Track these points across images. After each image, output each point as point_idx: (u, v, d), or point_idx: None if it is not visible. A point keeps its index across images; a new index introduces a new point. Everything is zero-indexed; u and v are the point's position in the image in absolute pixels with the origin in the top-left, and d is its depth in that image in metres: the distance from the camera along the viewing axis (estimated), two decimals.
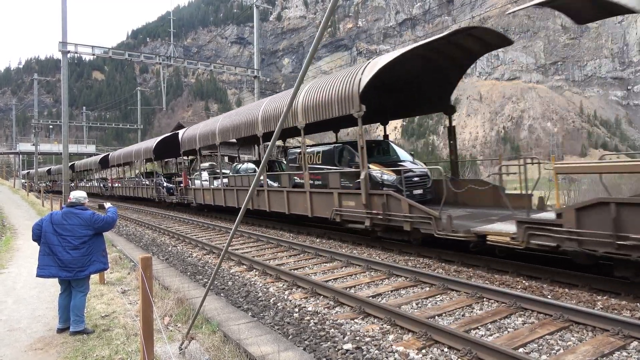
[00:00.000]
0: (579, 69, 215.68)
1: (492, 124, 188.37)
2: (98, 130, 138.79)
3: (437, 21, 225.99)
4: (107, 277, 8.25)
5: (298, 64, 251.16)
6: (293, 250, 11.18)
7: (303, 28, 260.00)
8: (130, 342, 5.09)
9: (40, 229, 5.47)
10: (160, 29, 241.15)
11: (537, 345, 4.84)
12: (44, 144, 69.32)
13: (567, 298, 6.36)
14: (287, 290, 7.63)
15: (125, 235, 16.06)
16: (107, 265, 5.95)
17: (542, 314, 5.66)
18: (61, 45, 26.53)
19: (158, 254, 11.96)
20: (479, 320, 5.60)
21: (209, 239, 13.93)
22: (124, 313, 6.19)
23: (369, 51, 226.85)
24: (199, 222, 18.32)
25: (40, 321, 5.98)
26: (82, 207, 5.65)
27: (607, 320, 5.11)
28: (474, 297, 6.48)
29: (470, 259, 8.73)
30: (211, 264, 10.25)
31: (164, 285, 7.67)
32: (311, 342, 5.26)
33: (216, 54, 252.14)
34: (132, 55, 31.76)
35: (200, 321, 5.53)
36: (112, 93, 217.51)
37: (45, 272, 5.35)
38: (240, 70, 36.96)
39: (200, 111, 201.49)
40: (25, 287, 7.80)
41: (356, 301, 6.37)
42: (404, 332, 5.39)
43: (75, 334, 5.34)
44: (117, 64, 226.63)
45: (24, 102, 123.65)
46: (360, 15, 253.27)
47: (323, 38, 3.39)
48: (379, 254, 10.27)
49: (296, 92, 2.98)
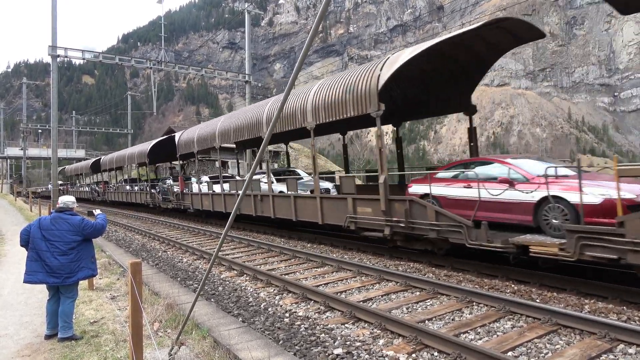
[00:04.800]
0: (567, 76, 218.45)
1: (482, 130, 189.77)
2: (88, 135, 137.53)
3: (427, 27, 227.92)
4: (96, 282, 8.18)
5: (290, 69, 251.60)
6: (284, 255, 11.16)
7: (295, 33, 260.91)
8: (120, 348, 5.04)
9: (28, 234, 5.41)
10: (152, 33, 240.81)
11: (526, 349, 4.88)
12: (33, 149, 68.54)
13: (556, 302, 6.43)
14: (278, 295, 7.62)
15: (114, 240, 15.92)
16: (96, 271, 5.90)
17: (530, 318, 5.72)
18: (51, 49, 26.36)
19: (148, 259, 11.87)
20: (468, 324, 5.64)
21: (200, 244, 13.86)
22: (113, 319, 6.14)
23: (360, 57, 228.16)
24: (189, 227, 18.21)
25: (28, 327, 5.91)
26: (71, 212, 5.60)
27: (594, 323, 5.17)
28: (464, 302, 6.52)
29: (460, 263, 8.79)
30: (202, 269, 10.19)
31: (154, 290, 7.62)
32: (302, 347, 5.25)
33: (207, 59, 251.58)
34: (123, 60, 31.70)
35: (191, 327, 5.50)
36: (102, 97, 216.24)
37: (33, 278, 5.30)
38: (231, 75, 36.94)
39: (191, 116, 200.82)
40: (13, 293, 7.70)
41: (347, 306, 6.37)
42: (394, 337, 5.41)
43: (64, 340, 5.28)
44: (108, 68, 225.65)
45: (12, 106, 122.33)
46: (352, 21, 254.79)
47: (314, 43, 3.43)
48: (370, 258, 10.29)
49: (286, 98, 3.00)
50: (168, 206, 24.15)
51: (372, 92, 9.78)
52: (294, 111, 12.79)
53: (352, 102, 10.49)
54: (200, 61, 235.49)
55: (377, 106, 9.73)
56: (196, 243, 14.02)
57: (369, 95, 9.91)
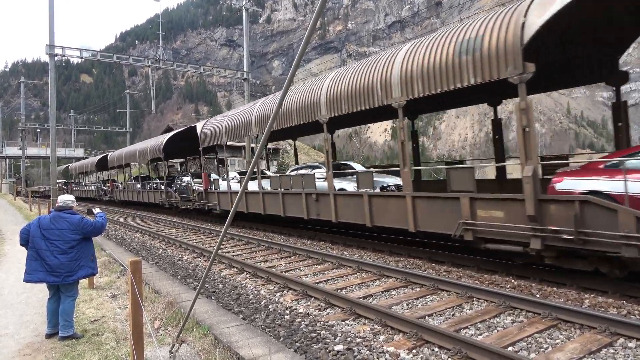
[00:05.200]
0: None
1: (481, 125, 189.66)
2: (86, 134, 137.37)
3: (425, 23, 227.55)
4: (97, 281, 8.18)
5: (288, 66, 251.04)
6: (284, 252, 11.16)
7: (293, 30, 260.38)
8: (120, 346, 5.05)
9: (28, 233, 5.41)
10: (149, 31, 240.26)
11: (526, 344, 4.89)
12: (32, 148, 68.63)
13: (556, 297, 6.44)
14: (278, 292, 7.63)
15: (114, 239, 15.92)
16: (96, 270, 5.90)
17: (531, 313, 5.72)
18: (48, 48, 26.31)
19: (148, 257, 11.88)
20: (469, 320, 5.65)
21: (200, 242, 13.86)
22: (114, 317, 6.14)
23: (359, 53, 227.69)
24: (189, 225, 18.21)
25: (29, 327, 5.91)
26: (71, 211, 5.60)
27: (594, 318, 5.17)
28: (464, 297, 6.53)
29: (460, 259, 8.81)
30: (202, 267, 10.20)
31: (154, 289, 7.62)
32: (302, 343, 5.26)
33: (205, 57, 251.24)
34: (121, 58, 31.63)
35: (191, 324, 5.50)
36: (100, 96, 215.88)
37: (33, 277, 5.30)
38: (230, 72, 36.91)
39: (190, 114, 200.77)
40: (13, 293, 7.70)
41: (347, 302, 6.38)
42: (394, 333, 5.41)
43: (64, 339, 5.29)
44: (106, 66, 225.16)
45: (11, 106, 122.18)
46: (350, 18, 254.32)
47: (312, 40, 3.41)
48: (370, 255, 10.30)
49: (284, 95, 2.99)
50: (188, 206, 21.59)
51: (516, 44, 6.91)
52: (372, 86, 10.08)
53: (472, 65, 7.63)
54: (199, 59, 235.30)
55: (522, 68, 6.87)
56: (196, 241, 14.03)
57: (507, 50, 7.06)
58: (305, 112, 12.58)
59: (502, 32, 7.18)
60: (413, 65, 8.87)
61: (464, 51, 7.78)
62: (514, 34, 6.95)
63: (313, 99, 12.18)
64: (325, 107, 11.63)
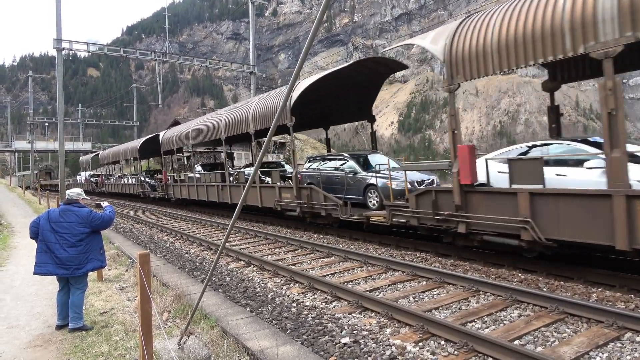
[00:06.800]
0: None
1: (488, 118, 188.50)
2: (94, 128, 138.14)
3: (433, 15, 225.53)
4: (105, 274, 8.27)
5: (294, 59, 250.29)
6: (290, 245, 11.20)
7: (299, 23, 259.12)
8: (129, 338, 5.11)
9: (37, 226, 5.47)
10: (156, 25, 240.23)
11: (533, 337, 4.89)
12: (40, 142, 69.05)
13: (563, 290, 6.42)
14: (285, 285, 7.67)
15: (122, 232, 16.05)
16: (105, 263, 5.96)
17: (537, 307, 5.72)
18: (56, 43, 26.41)
19: (156, 250, 11.97)
20: (475, 313, 5.65)
21: (207, 235, 13.94)
22: (123, 309, 6.21)
23: (365, 46, 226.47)
24: (196, 219, 18.32)
25: (39, 318, 6.00)
26: (79, 204, 5.65)
27: (601, 312, 5.16)
28: (471, 291, 6.53)
29: (466, 252, 8.79)
30: (209, 260, 10.27)
31: (162, 281, 7.69)
32: (309, 336, 5.30)
33: (212, 50, 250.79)
34: (128, 52, 31.68)
35: (199, 317, 5.56)
36: (107, 90, 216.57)
37: (42, 269, 5.36)
38: (236, 66, 36.85)
39: (196, 107, 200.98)
40: (24, 285, 7.81)
41: (353, 295, 6.40)
42: (401, 326, 5.43)
43: (74, 331, 5.36)
44: (113, 60, 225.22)
45: (19, 100, 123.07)
46: (356, 10, 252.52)
47: (319, 33, 3.40)
48: (377, 248, 10.31)
49: (292, 87, 2.99)
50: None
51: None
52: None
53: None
54: (205, 52, 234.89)
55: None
56: (203, 234, 14.11)
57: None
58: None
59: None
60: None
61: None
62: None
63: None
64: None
